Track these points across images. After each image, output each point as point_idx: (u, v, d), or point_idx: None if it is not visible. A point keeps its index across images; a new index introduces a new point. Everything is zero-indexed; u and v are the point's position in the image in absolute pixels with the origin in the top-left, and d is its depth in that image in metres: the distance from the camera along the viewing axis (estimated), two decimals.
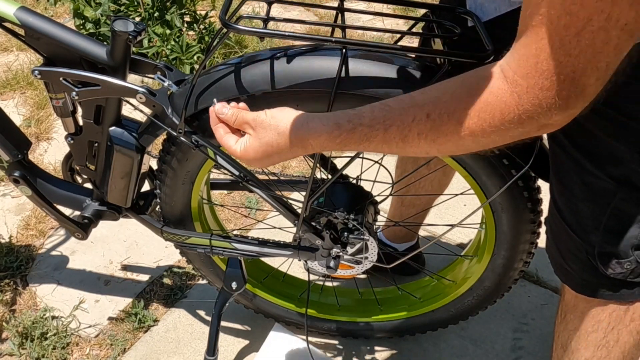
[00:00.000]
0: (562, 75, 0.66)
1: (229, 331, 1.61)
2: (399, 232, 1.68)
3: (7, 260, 1.76)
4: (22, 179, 1.36)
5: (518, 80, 0.70)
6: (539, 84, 0.68)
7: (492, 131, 0.73)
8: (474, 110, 0.73)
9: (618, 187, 0.87)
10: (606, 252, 0.91)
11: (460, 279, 1.40)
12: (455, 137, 0.75)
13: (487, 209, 1.19)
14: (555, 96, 0.68)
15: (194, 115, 1.12)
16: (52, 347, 1.53)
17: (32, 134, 2.27)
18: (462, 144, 0.76)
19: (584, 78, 0.67)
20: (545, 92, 0.68)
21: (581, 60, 0.65)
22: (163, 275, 1.75)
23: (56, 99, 1.23)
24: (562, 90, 0.67)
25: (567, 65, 0.66)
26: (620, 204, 0.88)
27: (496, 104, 0.72)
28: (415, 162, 1.45)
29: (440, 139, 0.76)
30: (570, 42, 0.64)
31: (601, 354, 1.01)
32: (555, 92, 0.68)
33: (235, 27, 0.96)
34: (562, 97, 0.68)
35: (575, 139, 0.89)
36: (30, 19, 1.14)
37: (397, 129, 0.79)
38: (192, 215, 1.34)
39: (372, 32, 2.79)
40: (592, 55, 0.65)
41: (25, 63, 2.71)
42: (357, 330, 1.55)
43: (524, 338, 1.60)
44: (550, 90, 0.68)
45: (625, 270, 0.91)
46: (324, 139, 0.84)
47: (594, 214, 0.91)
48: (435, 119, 0.76)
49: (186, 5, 2.67)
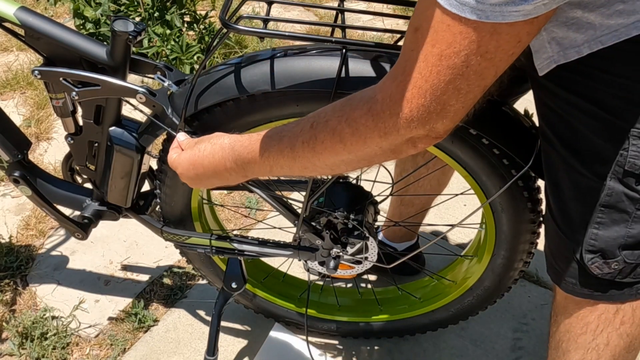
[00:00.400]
0: (421, 90, 0.71)
1: (229, 331, 1.61)
2: (398, 232, 1.68)
3: (7, 260, 1.76)
4: (22, 179, 1.36)
5: (377, 92, 0.75)
6: (394, 97, 0.73)
7: (361, 142, 0.78)
8: (344, 119, 0.79)
9: (604, 186, 0.87)
10: (593, 252, 0.91)
11: (460, 279, 1.40)
12: (329, 144, 0.81)
13: (487, 209, 1.19)
14: (411, 109, 0.72)
15: (194, 115, 1.12)
16: (52, 347, 1.53)
17: (32, 134, 2.27)
18: (339, 156, 0.82)
19: (445, 97, 0.71)
20: (399, 104, 0.73)
21: (441, 79, 0.69)
22: (163, 275, 1.75)
23: (56, 99, 1.23)
24: (420, 105, 0.72)
25: (426, 81, 0.70)
26: (606, 202, 0.88)
27: (361, 112, 0.77)
28: (414, 161, 1.45)
29: (318, 146, 0.82)
30: (433, 63, 0.69)
31: (591, 356, 1.01)
32: (411, 107, 0.72)
33: (235, 27, 0.96)
34: (420, 111, 0.72)
35: (564, 138, 0.90)
36: (30, 19, 1.14)
37: (289, 139, 0.86)
38: (192, 215, 1.34)
39: (372, 32, 2.79)
40: (452, 77, 0.69)
41: (25, 63, 2.71)
42: (357, 330, 1.55)
43: (524, 338, 1.60)
44: (408, 102, 0.72)
45: (612, 270, 0.91)
46: None
47: (581, 212, 0.91)
48: (316, 127, 0.82)
49: (186, 5, 2.67)
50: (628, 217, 0.87)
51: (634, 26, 0.75)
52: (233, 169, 0.96)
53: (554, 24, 0.82)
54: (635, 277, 0.92)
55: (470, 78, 0.69)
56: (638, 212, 0.86)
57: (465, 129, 1.06)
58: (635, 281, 0.93)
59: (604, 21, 0.77)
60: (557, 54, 0.84)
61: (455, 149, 1.10)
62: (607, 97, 0.82)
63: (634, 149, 0.82)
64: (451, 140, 1.08)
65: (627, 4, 0.74)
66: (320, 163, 0.85)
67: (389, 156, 0.82)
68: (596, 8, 0.76)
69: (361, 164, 0.84)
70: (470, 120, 1.05)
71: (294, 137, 0.85)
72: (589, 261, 0.92)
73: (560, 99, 0.88)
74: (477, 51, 0.66)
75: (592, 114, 0.84)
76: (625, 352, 1.00)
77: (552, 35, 0.83)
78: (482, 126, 1.06)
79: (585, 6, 0.76)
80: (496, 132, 1.07)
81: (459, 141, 1.08)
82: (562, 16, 0.80)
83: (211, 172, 0.99)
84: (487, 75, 0.69)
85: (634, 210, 0.86)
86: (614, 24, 0.76)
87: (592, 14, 0.77)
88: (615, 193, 0.86)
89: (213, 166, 0.98)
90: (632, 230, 0.88)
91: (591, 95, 0.83)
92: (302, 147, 0.84)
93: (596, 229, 0.90)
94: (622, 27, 0.76)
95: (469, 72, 0.68)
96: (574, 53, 0.81)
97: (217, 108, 1.11)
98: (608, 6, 0.75)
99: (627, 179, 0.85)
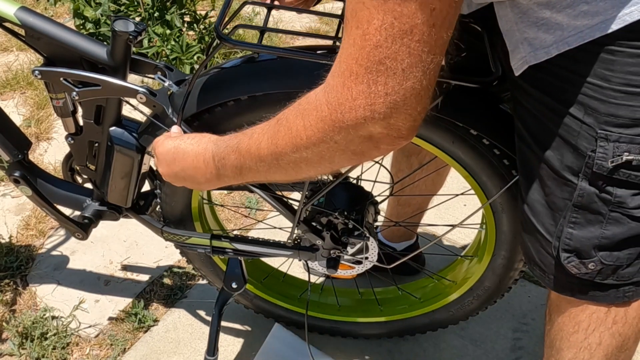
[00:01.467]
0: (357, 76, 0.68)
1: (229, 331, 1.61)
2: (397, 232, 1.68)
3: (7, 260, 1.76)
4: (22, 179, 1.36)
5: (329, 79, 0.72)
6: (335, 87, 0.70)
7: (317, 136, 0.75)
8: (300, 112, 0.77)
9: (577, 187, 0.87)
10: (569, 251, 0.91)
11: (461, 279, 1.40)
12: (288, 139, 0.79)
13: (487, 209, 1.19)
14: (354, 97, 0.69)
15: (195, 115, 1.12)
16: (52, 347, 1.53)
17: (32, 134, 2.27)
18: (298, 152, 0.79)
19: (382, 79, 0.67)
20: (340, 92, 0.70)
21: (372, 59, 0.67)
22: (163, 275, 1.75)
23: (56, 99, 1.23)
24: (360, 92, 0.69)
25: (360, 65, 0.67)
26: (579, 202, 0.88)
27: (314, 104, 0.74)
28: (408, 162, 1.46)
29: (279, 141, 0.80)
30: (360, 44, 0.67)
31: (584, 355, 1.01)
32: (352, 94, 0.69)
33: (228, 40, 0.96)
34: (363, 99, 0.69)
35: (538, 137, 0.90)
36: (31, 19, 1.14)
37: (258, 135, 0.84)
38: (193, 215, 1.34)
39: None
40: (381, 56, 0.66)
41: (25, 63, 2.71)
42: (357, 330, 1.55)
43: (524, 338, 1.60)
44: (348, 90, 0.69)
45: (590, 271, 0.91)
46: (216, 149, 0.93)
47: (556, 211, 0.91)
48: (279, 123, 0.80)
49: (186, 5, 2.67)
50: (602, 219, 0.87)
51: (597, 27, 0.76)
52: (209, 163, 0.93)
53: (526, 24, 0.83)
54: (620, 280, 0.92)
55: (399, 55, 0.66)
56: (612, 214, 0.86)
57: (465, 130, 1.06)
58: (621, 283, 0.93)
59: (571, 22, 0.78)
60: (529, 55, 0.85)
61: (456, 149, 1.10)
62: (575, 98, 0.82)
63: (601, 150, 0.82)
64: (452, 140, 1.08)
65: (590, 4, 0.76)
66: (282, 162, 0.82)
67: (350, 158, 0.78)
68: (563, 9, 0.78)
69: (323, 165, 0.80)
70: (470, 120, 1.06)
71: (262, 133, 0.83)
72: (565, 260, 0.92)
73: (534, 99, 0.89)
74: (395, 24, 0.64)
75: (562, 114, 0.85)
76: (618, 351, 1.00)
77: (525, 36, 0.84)
78: (482, 127, 1.06)
79: (552, 6, 0.78)
80: (497, 132, 1.07)
81: (460, 141, 1.08)
82: (533, 16, 0.82)
83: (190, 161, 0.96)
84: (414, 51, 0.66)
85: (608, 212, 0.86)
86: (580, 25, 0.77)
87: (559, 15, 0.78)
88: (587, 194, 0.86)
89: (193, 154, 0.95)
90: (607, 231, 0.88)
91: (561, 95, 0.84)
92: (267, 143, 0.82)
93: (571, 228, 0.90)
94: (587, 29, 0.77)
95: (395, 49, 0.66)
96: (544, 54, 0.83)
97: (218, 108, 1.11)
98: (574, 7, 0.77)
99: (596, 180, 0.85)
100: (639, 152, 0.81)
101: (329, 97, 0.72)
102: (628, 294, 0.94)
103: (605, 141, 0.82)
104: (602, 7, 0.75)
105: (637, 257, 0.90)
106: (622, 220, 0.86)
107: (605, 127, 0.81)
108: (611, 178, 0.84)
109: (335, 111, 0.71)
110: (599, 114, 0.81)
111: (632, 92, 0.78)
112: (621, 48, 0.77)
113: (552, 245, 0.93)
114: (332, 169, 0.82)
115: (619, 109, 0.80)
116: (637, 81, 0.78)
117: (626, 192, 0.85)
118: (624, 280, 0.92)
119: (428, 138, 1.10)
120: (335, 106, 0.71)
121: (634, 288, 0.93)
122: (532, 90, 0.89)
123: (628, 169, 0.83)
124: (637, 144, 0.81)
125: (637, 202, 0.85)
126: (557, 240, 0.92)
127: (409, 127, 0.72)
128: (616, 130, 0.81)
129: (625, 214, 0.86)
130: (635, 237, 0.88)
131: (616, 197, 0.85)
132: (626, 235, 0.88)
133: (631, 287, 0.93)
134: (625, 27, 0.75)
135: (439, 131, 1.08)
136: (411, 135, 0.73)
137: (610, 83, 0.79)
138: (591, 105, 0.81)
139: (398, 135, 0.72)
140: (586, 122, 0.82)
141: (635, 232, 0.87)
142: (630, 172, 0.83)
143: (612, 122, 0.81)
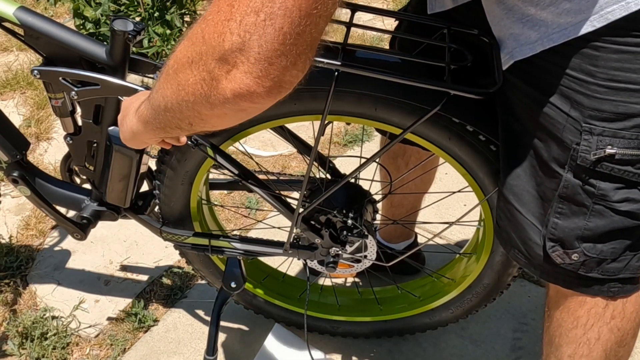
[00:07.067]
0: None
1: (229, 331, 1.61)
2: (394, 232, 1.68)
3: (7, 260, 1.76)
4: (21, 179, 1.36)
5: (206, 14, 0.66)
6: (217, 10, 0.64)
7: (187, 66, 0.68)
8: (186, 43, 0.70)
9: (562, 178, 0.88)
10: (554, 240, 0.93)
11: (460, 277, 1.40)
12: (176, 68, 0.71)
13: (485, 206, 1.19)
14: (235, 32, 0.62)
15: None
16: (52, 347, 1.53)
17: (32, 134, 2.27)
18: (193, 95, 0.70)
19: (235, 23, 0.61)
20: (224, 21, 0.63)
21: None
22: (163, 275, 1.76)
23: (55, 99, 1.23)
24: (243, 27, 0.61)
25: None
26: (564, 193, 0.89)
27: (192, 37, 0.68)
28: (395, 163, 1.46)
29: (170, 73, 0.73)
30: None
31: (582, 351, 1.01)
32: (234, 23, 0.62)
33: None
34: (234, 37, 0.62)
35: (528, 129, 0.91)
36: (30, 18, 1.14)
37: (166, 70, 0.75)
38: (191, 215, 1.34)
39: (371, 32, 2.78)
40: None
41: (25, 63, 2.72)
42: (357, 330, 1.55)
43: (524, 338, 1.60)
44: (228, 19, 0.62)
45: (573, 261, 0.92)
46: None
47: (546, 201, 0.92)
48: (177, 60, 0.72)
49: (186, 5, 2.68)
50: (586, 210, 0.89)
51: (580, 25, 0.78)
52: (146, 106, 0.85)
53: (512, 20, 0.85)
54: (605, 274, 0.93)
55: None
56: (595, 206, 0.88)
57: (462, 126, 1.06)
58: (606, 278, 0.93)
59: (555, 19, 0.80)
60: (514, 50, 0.87)
61: (452, 145, 1.10)
62: (561, 91, 0.84)
63: (585, 143, 0.84)
64: (448, 137, 1.08)
65: (573, 2, 0.77)
66: (183, 104, 0.74)
67: (233, 111, 0.69)
68: (546, 6, 0.79)
69: (205, 110, 0.71)
70: (467, 117, 1.06)
71: (169, 78, 0.75)
72: (550, 249, 0.93)
73: (520, 91, 0.91)
74: None
75: (549, 107, 0.86)
76: (617, 346, 1.01)
77: (510, 32, 0.86)
78: (478, 123, 1.06)
79: (537, 3, 0.80)
80: (493, 128, 1.07)
81: (456, 138, 1.08)
82: (518, 13, 0.83)
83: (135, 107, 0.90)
84: None
85: (591, 204, 0.88)
86: (563, 22, 0.79)
87: (544, 12, 0.80)
88: (572, 185, 0.88)
89: (139, 101, 0.90)
90: (590, 223, 0.89)
91: (547, 88, 0.86)
92: (168, 84, 0.75)
93: (557, 218, 0.91)
94: (571, 26, 0.79)
95: None
96: (529, 50, 0.85)
97: None
98: (556, 4, 0.79)
99: (580, 172, 0.86)
100: (621, 146, 0.83)
101: (203, 30, 0.66)
102: (613, 289, 0.95)
103: (589, 134, 0.83)
104: (584, 6, 0.77)
105: (622, 252, 0.91)
106: (605, 213, 0.88)
107: (589, 120, 0.83)
108: (594, 171, 0.85)
109: (209, 48, 0.65)
110: (584, 107, 0.83)
111: (615, 87, 0.80)
112: (605, 44, 0.78)
113: (541, 233, 0.94)
114: (221, 120, 0.74)
115: (602, 104, 0.81)
116: (620, 77, 0.79)
117: (609, 186, 0.86)
118: (609, 275, 0.93)
119: (424, 135, 1.10)
120: (210, 38, 0.65)
121: (620, 285, 0.94)
122: (520, 83, 0.90)
123: (611, 162, 0.84)
124: (619, 137, 0.83)
125: (620, 195, 0.86)
126: (544, 228, 0.93)
127: (285, 78, 0.65)
128: (600, 124, 0.83)
129: (608, 207, 0.87)
130: (619, 230, 0.89)
131: (599, 189, 0.86)
132: (609, 228, 0.89)
133: (617, 283, 0.94)
134: (608, 24, 0.77)
135: (435, 128, 1.08)
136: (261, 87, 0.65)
137: (595, 78, 0.81)
138: (577, 99, 0.83)
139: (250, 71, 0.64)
140: (572, 116, 0.84)
141: (619, 226, 0.88)
142: (612, 166, 0.84)
143: (596, 116, 0.82)
